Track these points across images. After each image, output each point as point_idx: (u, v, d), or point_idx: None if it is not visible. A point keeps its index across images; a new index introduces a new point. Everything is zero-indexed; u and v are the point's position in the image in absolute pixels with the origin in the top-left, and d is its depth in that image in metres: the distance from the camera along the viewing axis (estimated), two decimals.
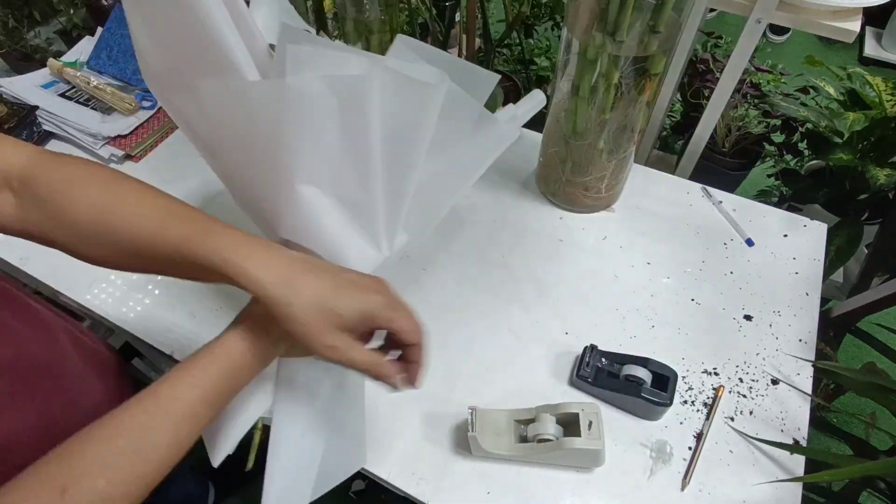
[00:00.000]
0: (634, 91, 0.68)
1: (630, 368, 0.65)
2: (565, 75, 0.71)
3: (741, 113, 1.24)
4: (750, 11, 0.87)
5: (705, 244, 0.83)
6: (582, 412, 0.59)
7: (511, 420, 0.64)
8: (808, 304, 0.76)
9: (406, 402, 0.68)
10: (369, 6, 0.84)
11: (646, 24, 0.62)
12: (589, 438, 0.58)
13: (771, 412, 0.67)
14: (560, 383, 0.69)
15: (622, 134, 0.74)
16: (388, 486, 0.63)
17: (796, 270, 0.80)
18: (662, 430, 0.66)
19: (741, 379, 0.70)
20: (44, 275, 0.81)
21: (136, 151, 0.95)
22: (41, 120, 0.97)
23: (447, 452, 0.64)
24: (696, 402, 0.68)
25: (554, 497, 0.61)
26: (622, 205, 0.88)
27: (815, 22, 0.85)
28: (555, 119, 0.79)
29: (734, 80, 0.97)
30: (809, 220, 0.85)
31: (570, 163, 0.80)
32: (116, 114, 0.99)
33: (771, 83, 1.29)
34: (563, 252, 0.82)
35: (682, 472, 0.63)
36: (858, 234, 1.14)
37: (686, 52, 1.04)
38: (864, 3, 0.85)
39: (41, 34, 1.24)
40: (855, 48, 2.41)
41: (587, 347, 0.69)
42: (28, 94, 1.00)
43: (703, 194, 0.89)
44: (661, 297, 0.77)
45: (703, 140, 1.09)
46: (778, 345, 0.72)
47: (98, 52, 1.06)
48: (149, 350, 0.78)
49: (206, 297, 0.78)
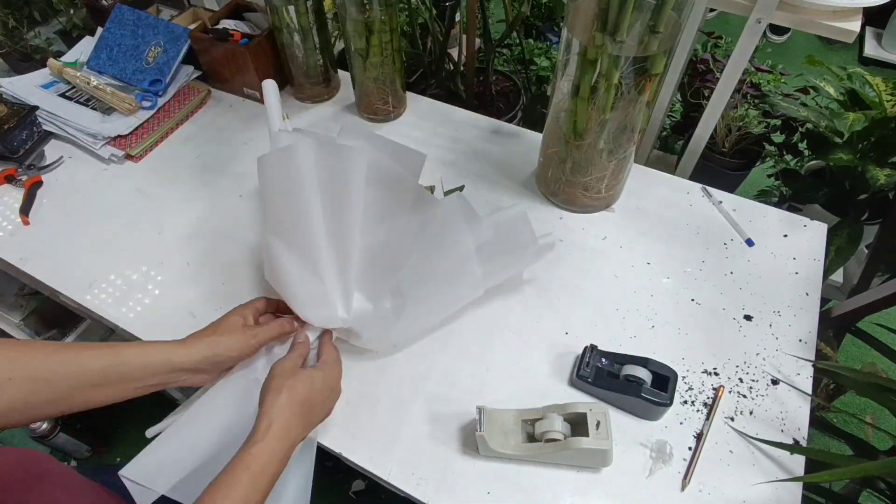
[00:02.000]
0: (634, 91, 0.68)
1: (630, 368, 0.65)
2: (565, 75, 0.71)
3: (741, 113, 1.24)
4: (750, 11, 0.87)
5: (705, 244, 0.83)
6: (590, 412, 0.59)
7: (518, 419, 0.64)
8: (808, 304, 0.76)
9: (406, 401, 0.68)
10: (369, 6, 0.84)
11: (646, 24, 0.62)
12: (597, 438, 0.58)
13: (771, 412, 0.67)
14: (560, 383, 0.69)
15: (622, 134, 0.74)
16: (388, 486, 0.63)
17: (796, 270, 0.80)
18: (662, 430, 0.66)
19: (741, 379, 0.70)
20: (44, 275, 0.81)
21: (135, 151, 0.95)
22: (41, 120, 0.97)
23: (448, 452, 0.64)
24: (696, 402, 0.68)
25: (554, 497, 0.61)
26: (622, 205, 0.88)
27: (815, 22, 0.85)
28: (555, 119, 0.79)
29: (734, 80, 0.97)
30: (809, 220, 0.85)
31: (570, 163, 0.80)
32: (116, 114, 0.99)
33: (771, 83, 1.29)
34: (563, 252, 0.82)
35: (682, 472, 0.63)
36: (858, 234, 1.14)
37: (686, 52, 1.04)
38: (864, 3, 0.85)
39: (41, 34, 1.24)
40: (855, 48, 2.41)
41: (587, 347, 0.69)
42: (28, 94, 1.00)
43: (703, 194, 0.89)
44: (661, 297, 0.77)
45: (703, 140, 1.09)
46: (778, 345, 0.72)
47: (98, 52, 1.06)
48: None
49: (206, 297, 0.78)
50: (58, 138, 0.99)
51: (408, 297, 0.66)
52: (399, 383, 0.70)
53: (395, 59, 0.93)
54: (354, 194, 0.65)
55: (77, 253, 0.84)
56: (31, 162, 0.95)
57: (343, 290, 0.66)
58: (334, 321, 0.66)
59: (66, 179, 0.94)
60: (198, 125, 1.03)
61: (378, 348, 0.72)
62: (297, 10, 0.91)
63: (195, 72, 1.06)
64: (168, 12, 1.22)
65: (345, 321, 0.66)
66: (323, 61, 1.00)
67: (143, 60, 1.04)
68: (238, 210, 0.89)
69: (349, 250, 0.66)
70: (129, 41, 1.05)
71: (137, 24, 1.06)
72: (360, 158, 0.65)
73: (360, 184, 0.65)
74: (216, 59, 1.02)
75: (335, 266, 0.66)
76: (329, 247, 0.66)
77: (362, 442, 0.65)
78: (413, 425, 0.66)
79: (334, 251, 0.66)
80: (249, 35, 1.01)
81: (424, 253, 0.67)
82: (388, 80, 0.95)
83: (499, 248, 0.69)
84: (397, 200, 0.68)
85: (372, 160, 0.66)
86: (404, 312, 0.66)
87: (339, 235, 0.66)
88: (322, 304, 0.65)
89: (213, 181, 0.93)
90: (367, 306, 0.67)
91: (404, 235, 0.68)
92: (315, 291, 0.65)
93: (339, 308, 0.66)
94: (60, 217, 0.89)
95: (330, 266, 0.66)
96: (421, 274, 0.67)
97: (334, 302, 0.66)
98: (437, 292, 0.68)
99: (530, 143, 0.97)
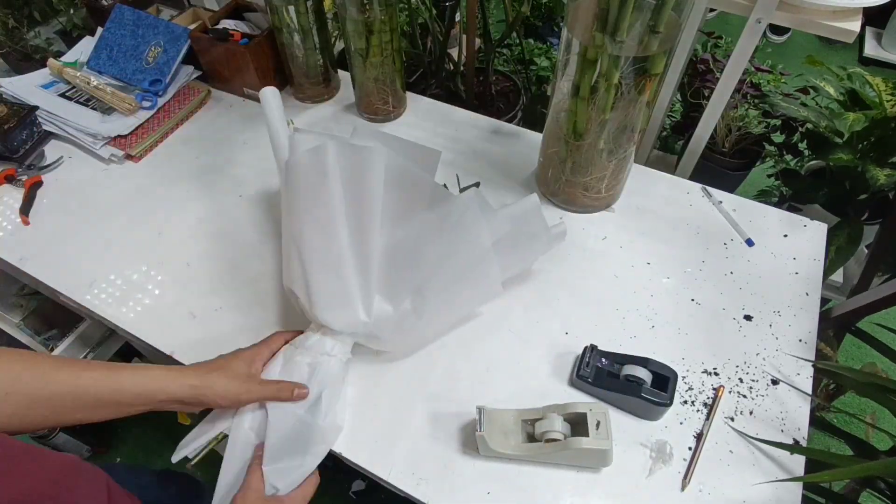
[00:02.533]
0: (634, 91, 0.68)
1: (630, 368, 0.65)
2: (565, 75, 0.71)
3: (741, 113, 1.24)
4: (750, 11, 0.87)
5: (705, 244, 0.83)
6: (590, 412, 0.59)
7: (518, 419, 0.64)
8: (808, 304, 0.76)
9: (406, 402, 0.68)
10: (369, 6, 0.84)
11: (646, 24, 0.62)
12: (597, 438, 0.58)
13: (771, 412, 0.67)
14: (560, 383, 0.69)
15: (622, 134, 0.74)
16: (389, 486, 0.63)
17: (796, 270, 0.80)
18: (662, 430, 0.66)
19: (741, 379, 0.70)
20: (44, 275, 0.81)
21: (135, 151, 0.95)
22: (41, 120, 0.97)
23: (448, 452, 0.64)
24: (696, 402, 0.68)
25: (554, 497, 0.61)
26: (622, 205, 0.88)
27: (815, 22, 0.85)
28: (555, 119, 0.79)
29: (734, 80, 0.97)
30: (809, 220, 0.85)
31: (570, 163, 0.80)
32: (116, 114, 0.99)
33: (771, 83, 1.29)
34: (562, 252, 0.82)
35: (682, 472, 0.63)
36: (858, 234, 1.14)
37: (686, 52, 1.04)
38: (864, 3, 0.85)
39: (41, 34, 1.24)
40: (855, 48, 2.41)
41: (587, 347, 0.69)
42: (28, 94, 1.00)
43: (703, 194, 0.89)
44: (661, 297, 0.77)
45: (703, 140, 1.09)
46: (778, 345, 0.72)
47: (98, 52, 1.06)
48: (149, 350, 0.78)
49: (206, 298, 0.78)
50: (58, 138, 0.99)
51: (427, 296, 0.66)
52: (399, 383, 0.70)
53: (395, 59, 0.93)
54: (374, 196, 0.65)
55: (77, 253, 0.84)
56: (31, 162, 0.95)
57: (364, 293, 0.65)
58: (356, 325, 0.65)
59: (66, 179, 0.94)
60: (198, 125, 1.03)
61: (396, 350, 0.72)
62: (297, 10, 0.91)
63: (195, 72, 1.07)
64: (168, 12, 1.22)
65: (366, 325, 0.65)
66: (323, 61, 1.00)
67: (143, 60, 1.04)
68: (238, 210, 0.89)
69: (369, 252, 0.65)
70: (129, 41, 1.05)
71: (137, 24, 1.06)
72: (379, 159, 0.64)
73: (378, 185, 0.65)
74: (216, 59, 1.02)
75: (356, 269, 0.66)
76: (350, 249, 0.66)
77: (362, 442, 0.65)
78: (413, 425, 0.66)
79: (355, 254, 0.66)
80: (249, 35, 1.01)
81: (443, 250, 0.67)
82: (388, 80, 0.95)
83: (514, 241, 0.69)
84: (415, 199, 0.68)
85: (389, 160, 0.65)
86: (424, 312, 0.66)
87: (360, 238, 0.65)
88: (343, 308, 0.65)
89: (213, 181, 0.93)
90: (387, 308, 0.66)
91: (422, 234, 0.68)
92: (337, 294, 0.65)
93: (361, 311, 0.65)
94: (60, 217, 0.89)
95: (351, 269, 0.65)
96: (440, 271, 0.66)
97: (356, 305, 0.65)
98: (456, 289, 0.68)
99: (530, 143, 0.97)
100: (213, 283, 0.80)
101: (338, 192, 0.65)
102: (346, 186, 0.65)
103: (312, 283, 0.64)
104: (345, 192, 0.65)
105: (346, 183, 0.65)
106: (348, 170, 0.65)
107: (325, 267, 0.65)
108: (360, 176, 0.64)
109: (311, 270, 0.64)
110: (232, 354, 0.63)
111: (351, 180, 0.65)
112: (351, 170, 0.65)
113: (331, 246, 0.65)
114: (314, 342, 0.65)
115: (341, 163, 0.64)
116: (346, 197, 0.65)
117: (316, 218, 0.65)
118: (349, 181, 0.65)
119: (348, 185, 0.65)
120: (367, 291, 0.65)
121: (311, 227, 0.65)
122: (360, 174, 0.64)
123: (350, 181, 0.65)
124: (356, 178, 0.65)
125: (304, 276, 0.65)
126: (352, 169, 0.65)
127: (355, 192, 0.65)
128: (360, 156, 0.64)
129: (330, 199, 0.64)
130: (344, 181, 0.65)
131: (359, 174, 0.64)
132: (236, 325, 0.75)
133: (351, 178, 0.65)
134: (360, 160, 0.64)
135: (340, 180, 0.65)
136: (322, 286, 0.64)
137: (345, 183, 0.65)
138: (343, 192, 0.65)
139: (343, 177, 0.65)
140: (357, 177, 0.65)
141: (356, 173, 0.64)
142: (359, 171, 0.64)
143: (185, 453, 0.62)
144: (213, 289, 0.79)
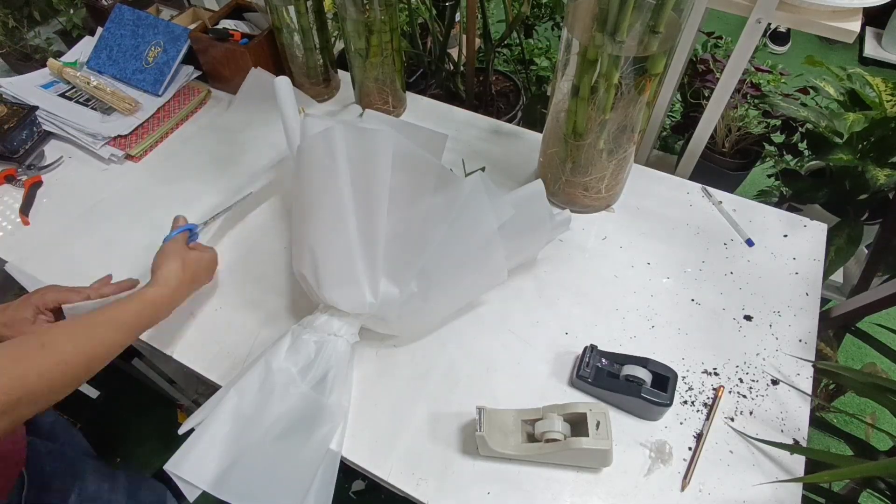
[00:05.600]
0: (634, 91, 0.68)
1: (630, 368, 0.65)
2: (565, 75, 0.71)
3: (741, 113, 1.24)
4: (750, 11, 0.87)
5: (705, 244, 0.83)
6: (590, 412, 0.59)
7: (518, 419, 0.64)
8: (808, 304, 0.76)
9: (406, 402, 0.68)
10: (369, 6, 0.84)
11: (646, 24, 0.62)
12: (597, 438, 0.58)
13: (771, 412, 0.67)
14: (560, 383, 0.69)
15: (622, 134, 0.74)
16: (388, 486, 0.63)
17: (796, 270, 0.80)
18: (662, 430, 0.66)
19: (741, 379, 0.70)
20: (43, 275, 0.81)
21: (135, 151, 0.95)
22: (41, 120, 0.97)
23: (448, 452, 0.64)
24: (696, 402, 0.68)
25: (554, 497, 0.61)
26: (622, 205, 0.88)
27: (815, 22, 0.85)
28: (555, 119, 0.79)
29: (734, 80, 0.97)
30: (809, 221, 0.85)
31: (570, 163, 0.80)
32: (116, 114, 0.99)
33: (771, 83, 1.29)
34: (563, 252, 0.82)
35: (682, 472, 0.63)
36: (858, 234, 1.14)
37: (686, 52, 1.04)
38: (864, 3, 0.84)
39: (41, 34, 1.24)
40: (855, 48, 2.41)
41: (587, 347, 0.69)
42: (28, 94, 1.00)
43: (703, 194, 0.89)
44: (661, 297, 0.77)
45: (703, 140, 1.09)
46: (778, 345, 0.72)
47: (98, 52, 1.06)
48: (149, 350, 0.78)
49: (205, 297, 0.78)
50: (58, 138, 0.99)
51: (433, 279, 0.67)
52: (399, 383, 0.70)
53: (395, 59, 0.93)
54: (382, 178, 0.66)
55: (77, 253, 0.84)
56: (30, 162, 0.95)
57: (370, 274, 0.67)
58: (362, 306, 0.66)
59: (66, 179, 0.94)
60: (198, 125, 1.03)
61: (402, 333, 0.72)
62: (297, 10, 0.91)
63: (195, 72, 1.07)
64: (168, 12, 1.22)
65: (372, 306, 0.66)
66: (323, 61, 1.00)
67: (143, 60, 1.04)
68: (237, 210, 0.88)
69: (376, 235, 0.66)
70: (129, 41, 1.05)
71: (137, 24, 1.06)
72: (387, 142, 0.65)
73: (386, 168, 0.66)
74: (216, 59, 1.02)
75: (363, 250, 0.67)
76: (358, 231, 0.67)
77: (362, 442, 0.65)
78: (413, 425, 0.66)
79: (362, 235, 0.67)
80: (249, 35, 1.01)
81: (449, 232, 0.67)
82: (388, 80, 0.95)
83: (518, 227, 0.69)
84: (422, 183, 0.69)
85: (397, 143, 0.66)
86: (429, 294, 0.66)
87: (368, 220, 0.67)
88: (351, 288, 0.66)
89: (213, 181, 0.93)
90: (393, 291, 0.67)
91: (429, 217, 0.68)
92: (344, 275, 0.66)
93: (367, 293, 0.66)
94: (60, 217, 0.89)
95: (358, 250, 0.67)
96: (447, 254, 0.67)
97: (363, 286, 0.66)
98: (462, 272, 0.68)
99: (530, 143, 0.97)
100: (212, 282, 0.80)
101: (346, 175, 0.65)
102: (355, 169, 0.66)
103: (320, 264, 0.65)
104: (353, 174, 0.66)
105: (354, 165, 0.66)
106: (357, 152, 0.65)
107: (332, 248, 0.66)
108: (368, 159, 0.65)
109: (319, 251, 0.65)
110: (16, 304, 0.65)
111: (359, 163, 0.65)
112: (359, 152, 0.65)
113: (338, 227, 0.66)
114: (322, 322, 0.66)
115: (350, 145, 0.65)
116: (354, 179, 0.66)
117: (325, 200, 0.66)
118: (357, 164, 0.66)
119: (357, 168, 0.66)
120: (374, 273, 0.66)
121: (320, 208, 0.66)
122: (368, 157, 0.65)
123: (358, 164, 0.66)
124: (364, 160, 0.65)
125: (313, 257, 0.66)
126: (360, 152, 0.65)
127: (363, 175, 0.66)
128: (368, 139, 0.65)
129: (338, 180, 0.65)
130: (352, 164, 0.66)
131: (367, 157, 0.65)
132: (236, 324, 0.75)
133: (359, 161, 0.65)
134: (369, 143, 0.65)
135: (349, 163, 0.65)
136: (330, 267, 0.66)
137: (353, 165, 0.66)
138: (351, 174, 0.66)
139: (351, 159, 0.65)
140: (365, 159, 0.65)
141: (364, 156, 0.65)
142: (367, 154, 0.65)
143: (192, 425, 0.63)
144: (213, 289, 0.79)
